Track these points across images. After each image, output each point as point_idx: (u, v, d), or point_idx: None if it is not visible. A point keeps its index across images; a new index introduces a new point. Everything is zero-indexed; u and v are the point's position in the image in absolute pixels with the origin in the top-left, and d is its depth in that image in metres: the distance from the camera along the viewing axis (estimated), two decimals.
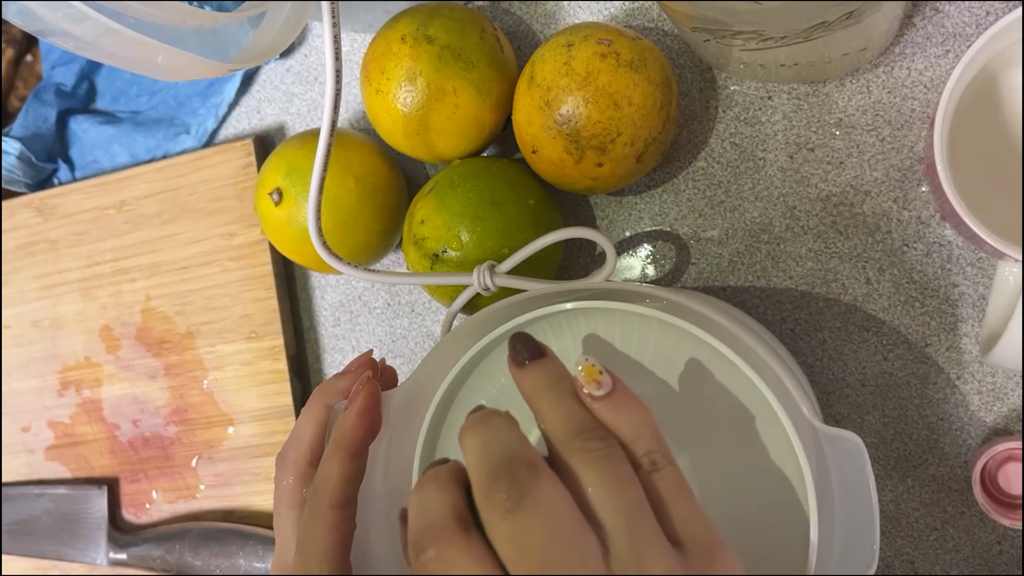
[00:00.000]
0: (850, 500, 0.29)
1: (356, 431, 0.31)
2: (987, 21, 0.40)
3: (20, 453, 0.59)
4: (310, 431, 0.34)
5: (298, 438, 0.34)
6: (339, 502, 0.31)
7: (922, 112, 0.41)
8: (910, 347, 0.42)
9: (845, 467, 0.29)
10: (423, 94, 0.42)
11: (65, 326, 0.58)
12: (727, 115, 0.44)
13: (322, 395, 0.35)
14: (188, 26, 0.33)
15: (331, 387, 0.35)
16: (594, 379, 0.26)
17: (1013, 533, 0.41)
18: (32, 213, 0.59)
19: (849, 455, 0.29)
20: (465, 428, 0.26)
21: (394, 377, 0.38)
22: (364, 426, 0.32)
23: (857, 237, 0.42)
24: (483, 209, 0.41)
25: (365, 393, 0.32)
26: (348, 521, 0.31)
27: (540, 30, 0.48)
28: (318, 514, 0.31)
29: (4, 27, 0.60)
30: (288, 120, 0.54)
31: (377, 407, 0.32)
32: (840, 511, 0.30)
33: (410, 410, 0.35)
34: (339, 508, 0.31)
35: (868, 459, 0.29)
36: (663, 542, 0.24)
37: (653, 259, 0.46)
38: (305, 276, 0.53)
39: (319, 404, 0.34)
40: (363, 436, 0.32)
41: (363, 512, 0.33)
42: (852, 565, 0.29)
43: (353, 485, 0.32)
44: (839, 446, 0.29)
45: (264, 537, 0.51)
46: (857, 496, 0.29)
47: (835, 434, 0.29)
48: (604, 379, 0.27)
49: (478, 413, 0.26)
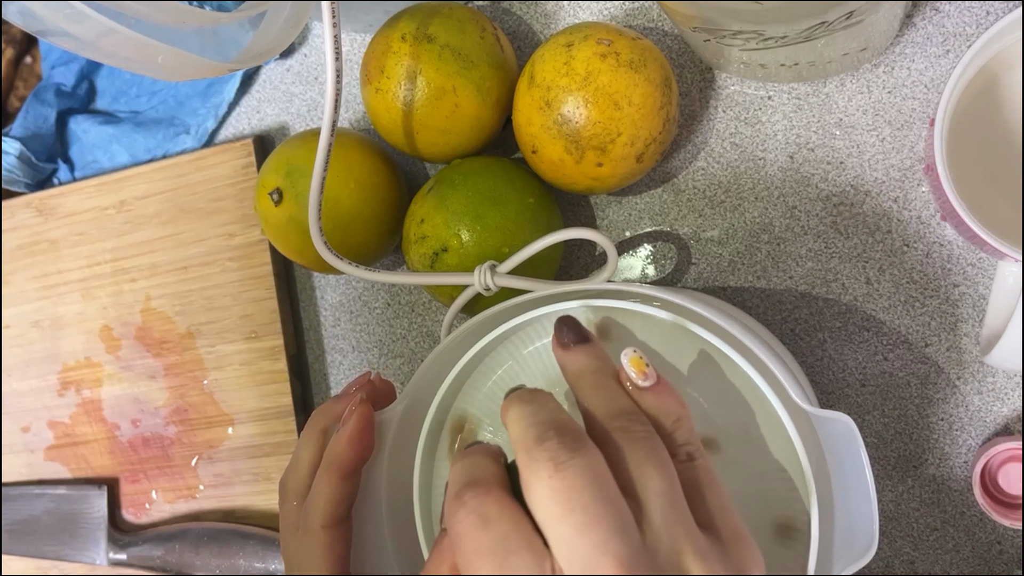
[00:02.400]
0: (847, 483, 0.30)
1: (347, 454, 0.32)
2: (987, 21, 0.40)
3: (20, 453, 0.59)
4: (308, 457, 0.34)
5: (296, 464, 0.35)
6: (330, 523, 0.31)
7: (922, 112, 0.41)
8: (910, 347, 0.42)
9: (839, 450, 0.30)
10: (423, 93, 0.42)
11: (65, 326, 0.58)
12: (727, 115, 0.44)
13: (319, 420, 0.35)
14: (188, 26, 0.34)
15: (327, 411, 0.35)
16: (641, 370, 0.28)
17: (1013, 533, 0.41)
18: (32, 213, 0.59)
19: (842, 437, 0.29)
20: (511, 401, 0.26)
21: (392, 391, 0.38)
22: (355, 449, 0.32)
23: (857, 237, 0.42)
24: (484, 208, 0.41)
25: (357, 416, 0.33)
26: (342, 541, 0.32)
27: (540, 30, 0.48)
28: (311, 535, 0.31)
29: (4, 27, 0.60)
30: (288, 120, 0.54)
31: (369, 430, 0.33)
32: (838, 494, 0.30)
33: (407, 425, 0.35)
34: (330, 529, 0.31)
35: (861, 439, 0.29)
36: (693, 526, 0.25)
37: (653, 259, 0.46)
38: (305, 276, 0.53)
39: (316, 429, 0.35)
40: (354, 459, 0.32)
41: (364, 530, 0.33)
42: (853, 548, 0.29)
43: (345, 506, 0.32)
44: (832, 429, 0.30)
45: (264, 537, 0.51)
46: (854, 478, 0.29)
47: (827, 416, 0.29)
48: (650, 371, 0.28)
49: (521, 390, 0.27)
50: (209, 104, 0.55)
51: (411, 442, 0.35)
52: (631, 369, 0.28)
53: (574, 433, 0.25)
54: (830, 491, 0.30)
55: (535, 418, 0.25)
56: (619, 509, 0.23)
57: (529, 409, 0.26)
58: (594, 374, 0.28)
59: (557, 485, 0.23)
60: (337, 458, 0.32)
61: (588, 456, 0.24)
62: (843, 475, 0.30)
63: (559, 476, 0.23)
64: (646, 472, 0.25)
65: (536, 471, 0.24)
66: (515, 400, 0.26)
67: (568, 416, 0.26)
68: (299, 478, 0.34)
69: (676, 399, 0.28)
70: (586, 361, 0.28)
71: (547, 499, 0.23)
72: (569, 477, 0.23)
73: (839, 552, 0.30)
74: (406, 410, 0.35)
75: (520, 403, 0.26)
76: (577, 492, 0.23)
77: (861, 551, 0.29)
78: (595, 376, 0.28)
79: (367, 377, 0.37)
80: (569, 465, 0.23)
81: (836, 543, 0.30)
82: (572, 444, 0.24)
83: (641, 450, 0.25)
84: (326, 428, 0.34)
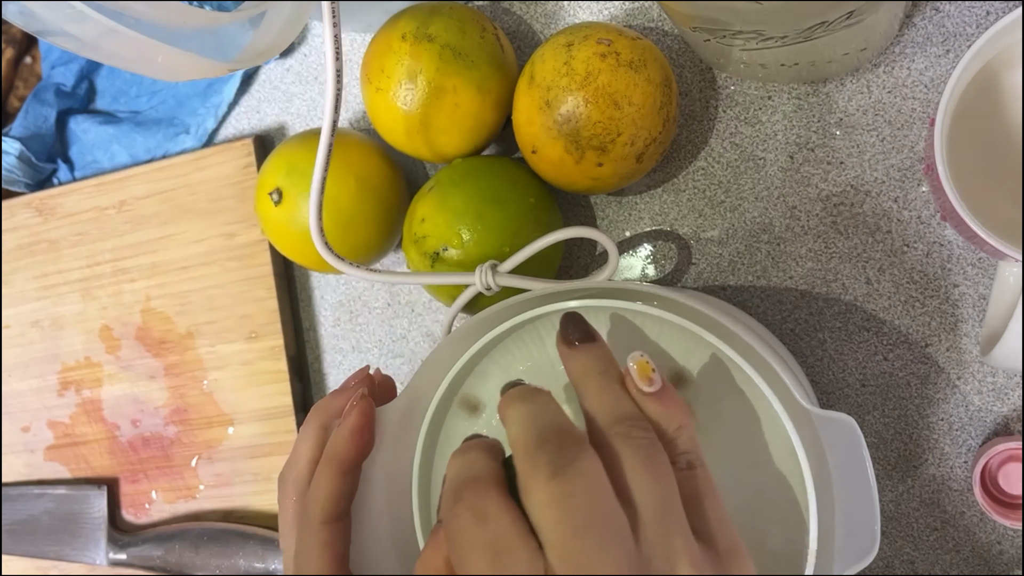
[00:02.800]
0: (849, 482, 0.30)
1: (348, 449, 0.32)
2: (987, 21, 0.40)
3: (20, 453, 0.59)
4: (307, 452, 0.34)
5: (296, 459, 0.34)
6: (330, 518, 0.31)
7: (922, 112, 0.41)
8: (910, 347, 0.42)
9: (841, 449, 0.30)
10: (423, 92, 0.42)
11: (65, 326, 0.58)
12: (727, 115, 0.44)
13: (318, 415, 0.35)
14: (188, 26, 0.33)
15: (327, 406, 0.35)
16: (646, 376, 0.28)
17: (1013, 533, 0.41)
18: (32, 213, 0.59)
19: (843, 437, 0.29)
20: (509, 399, 0.26)
21: (392, 387, 0.38)
22: (356, 444, 0.32)
23: (857, 237, 0.42)
24: (484, 207, 0.41)
25: (358, 411, 0.33)
26: (342, 537, 0.32)
27: (540, 30, 0.48)
28: (311, 531, 0.31)
29: (4, 27, 0.60)
30: (288, 120, 0.54)
31: (369, 425, 0.33)
32: (840, 494, 0.30)
33: (408, 421, 0.35)
34: (331, 524, 0.31)
35: (863, 439, 0.29)
36: (689, 535, 0.25)
37: (653, 259, 0.46)
38: (305, 276, 0.53)
39: (315, 424, 0.35)
40: (355, 454, 0.32)
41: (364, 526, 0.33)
42: (855, 547, 0.29)
43: (345, 501, 0.32)
44: (833, 428, 0.30)
45: (264, 537, 0.51)
46: (855, 478, 0.29)
47: (828, 416, 0.29)
48: (655, 377, 0.28)
49: (520, 387, 0.27)
50: (209, 104, 0.55)
51: (411, 438, 0.35)
52: (637, 373, 0.28)
53: (573, 438, 0.25)
54: (831, 491, 0.30)
55: (535, 420, 0.25)
56: (615, 516, 0.23)
57: (529, 409, 0.26)
58: (599, 375, 0.28)
59: (555, 490, 0.23)
60: (338, 453, 0.32)
61: (587, 462, 0.24)
62: (845, 475, 0.30)
63: (557, 481, 0.23)
64: (644, 479, 0.25)
65: (534, 475, 0.24)
66: (514, 398, 0.26)
67: (567, 419, 0.26)
68: (298, 473, 0.34)
69: (680, 406, 0.28)
70: (591, 362, 0.28)
71: (544, 503, 0.23)
72: (567, 483, 0.23)
73: (840, 553, 0.30)
74: (406, 407, 0.35)
75: (520, 402, 0.26)
76: (574, 498, 0.23)
77: (863, 552, 0.29)
78: (600, 378, 0.28)
79: (366, 371, 0.37)
80: (567, 470, 0.23)
81: (837, 544, 0.30)
82: (571, 449, 0.24)
83: (641, 456, 0.25)
84: (326, 423, 0.34)
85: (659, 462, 0.25)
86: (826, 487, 0.30)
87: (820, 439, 0.31)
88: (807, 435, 0.30)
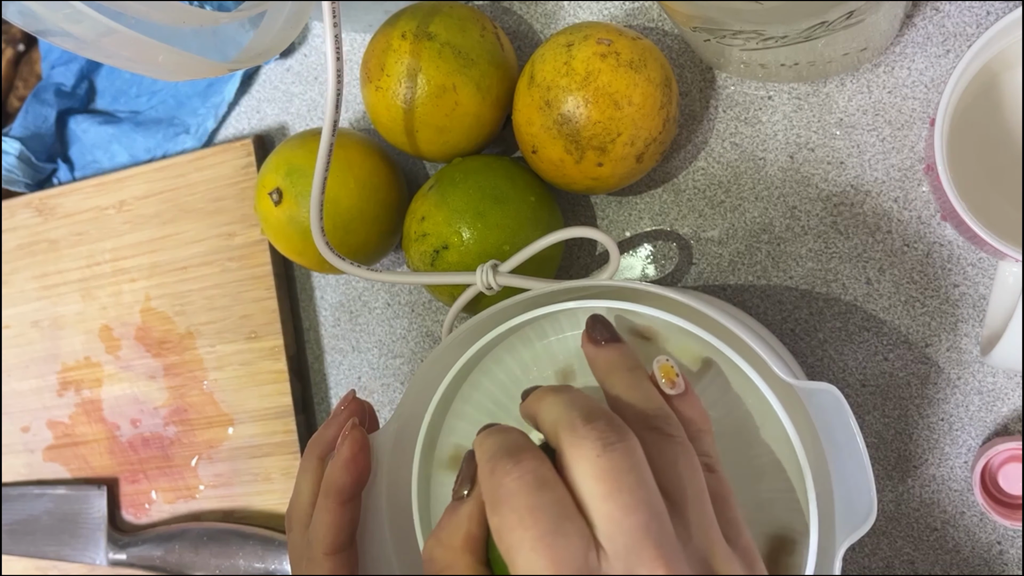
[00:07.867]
0: (840, 452, 0.30)
1: (343, 479, 0.32)
2: (987, 21, 0.40)
3: (20, 453, 0.59)
4: (308, 487, 0.34)
5: (298, 495, 0.35)
6: (332, 549, 0.32)
7: (922, 112, 0.41)
8: (910, 347, 0.42)
9: (829, 421, 0.30)
10: (423, 91, 0.42)
11: (65, 326, 0.58)
12: (727, 115, 0.44)
13: (314, 448, 0.35)
14: (188, 26, 0.34)
15: (321, 439, 0.35)
16: (671, 379, 0.28)
17: (1013, 533, 0.41)
18: (32, 213, 0.59)
19: (830, 408, 0.30)
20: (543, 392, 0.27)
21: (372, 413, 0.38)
22: (351, 474, 0.33)
23: (857, 237, 0.42)
24: (484, 205, 0.41)
25: (350, 441, 0.33)
26: (347, 567, 0.32)
27: (540, 30, 0.48)
28: (315, 563, 0.32)
29: (4, 27, 0.60)
30: (288, 120, 0.54)
31: (364, 453, 0.33)
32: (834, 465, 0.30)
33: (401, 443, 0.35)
34: (333, 555, 0.32)
35: (848, 407, 0.29)
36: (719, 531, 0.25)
37: (653, 259, 0.46)
38: (305, 276, 0.53)
39: (312, 458, 0.35)
40: (351, 484, 0.33)
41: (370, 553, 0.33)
42: (853, 518, 0.30)
43: (347, 532, 0.32)
44: (819, 401, 0.30)
45: (264, 537, 0.51)
46: (847, 449, 0.30)
47: (812, 388, 0.30)
48: (679, 381, 0.28)
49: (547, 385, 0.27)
50: (209, 104, 0.55)
51: (408, 458, 0.35)
52: (661, 376, 0.28)
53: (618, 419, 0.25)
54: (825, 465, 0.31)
55: (577, 403, 0.25)
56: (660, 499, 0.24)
57: (567, 396, 0.26)
58: (628, 372, 0.28)
59: (605, 464, 0.23)
60: (334, 484, 0.32)
61: (633, 441, 0.24)
62: (836, 447, 0.30)
63: (607, 456, 0.23)
64: (680, 473, 0.25)
65: (583, 449, 0.24)
66: (548, 391, 0.26)
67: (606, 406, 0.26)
68: (301, 508, 0.34)
69: (701, 411, 0.28)
70: (620, 359, 0.29)
71: (594, 477, 0.23)
72: (616, 458, 0.23)
73: (840, 523, 0.30)
74: (400, 428, 0.35)
75: (555, 392, 0.26)
76: (624, 473, 0.23)
77: (861, 519, 0.29)
78: (629, 374, 0.28)
79: (352, 396, 0.37)
80: (617, 447, 0.24)
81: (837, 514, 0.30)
82: (620, 428, 0.24)
83: (676, 451, 0.26)
84: (322, 456, 0.35)
85: (693, 458, 0.26)
86: (821, 461, 0.31)
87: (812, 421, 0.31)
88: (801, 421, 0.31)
